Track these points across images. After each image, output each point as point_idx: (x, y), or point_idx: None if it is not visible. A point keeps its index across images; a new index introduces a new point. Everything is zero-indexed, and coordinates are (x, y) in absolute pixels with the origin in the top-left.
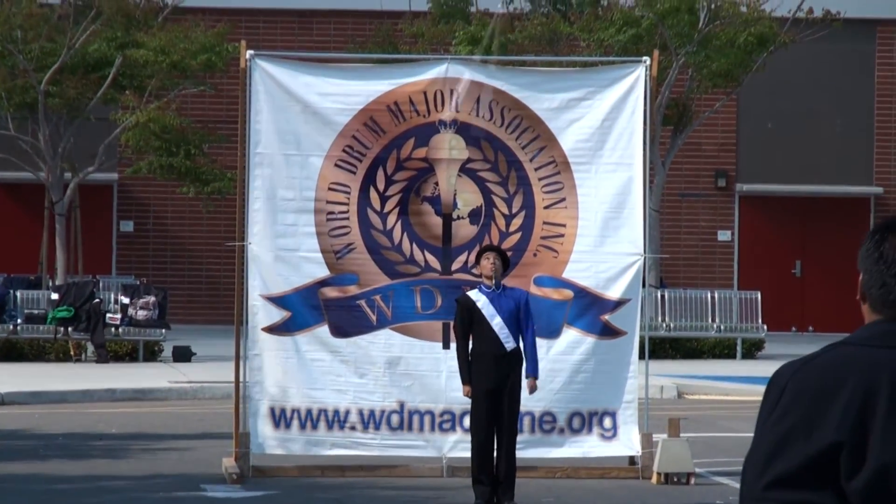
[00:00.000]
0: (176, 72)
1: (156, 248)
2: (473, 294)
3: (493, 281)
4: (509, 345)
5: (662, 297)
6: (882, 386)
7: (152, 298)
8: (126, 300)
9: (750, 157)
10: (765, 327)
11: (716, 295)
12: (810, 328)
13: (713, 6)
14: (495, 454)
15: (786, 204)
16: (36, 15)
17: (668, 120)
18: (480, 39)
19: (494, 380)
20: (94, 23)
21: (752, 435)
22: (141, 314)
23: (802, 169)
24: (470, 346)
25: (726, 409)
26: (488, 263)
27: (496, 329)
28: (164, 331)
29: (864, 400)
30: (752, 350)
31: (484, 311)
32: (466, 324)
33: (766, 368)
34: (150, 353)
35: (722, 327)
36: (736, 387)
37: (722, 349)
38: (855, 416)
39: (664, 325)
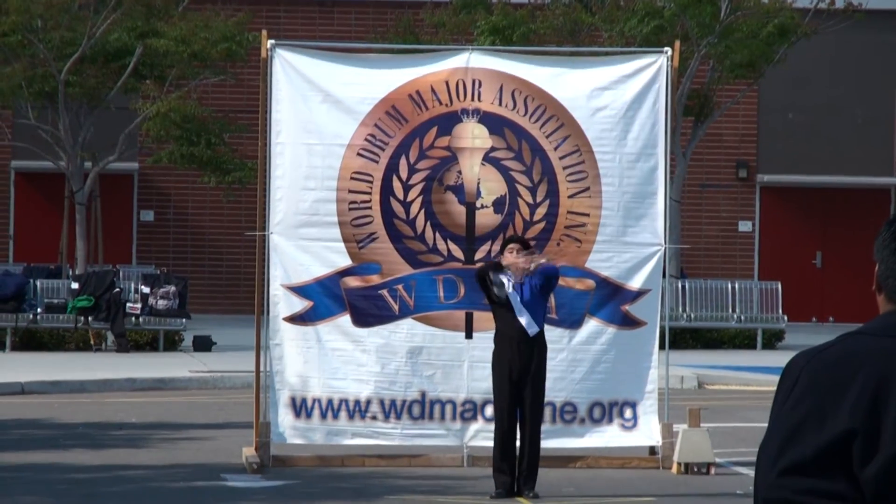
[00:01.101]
0: (196, 61)
1: (176, 238)
2: (503, 277)
3: None
4: (532, 330)
5: (683, 287)
6: (895, 375)
7: (172, 288)
8: (146, 290)
9: (771, 148)
10: (785, 318)
11: (736, 285)
12: (830, 319)
13: None
14: (518, 443)
15: (807, 195)
16: (56, 4)
17: (689, 110)
18: (503, 29)
19: (518, 367)
20: (114, 12)
21: None
22: (161, 304)
23: (823, 160)
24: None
25: (746, 399)
26: (511, 255)
27: (519, 316)
28: (184, 320)
29: (878, 388)
30: (772, 340)
31: (512, 301)
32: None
33: (786, 359)
34: (171, 343)
35: (742, 318)
36: (756, 377)
37: (742, 339)
38: (868, 405)
39: (685, 315)
